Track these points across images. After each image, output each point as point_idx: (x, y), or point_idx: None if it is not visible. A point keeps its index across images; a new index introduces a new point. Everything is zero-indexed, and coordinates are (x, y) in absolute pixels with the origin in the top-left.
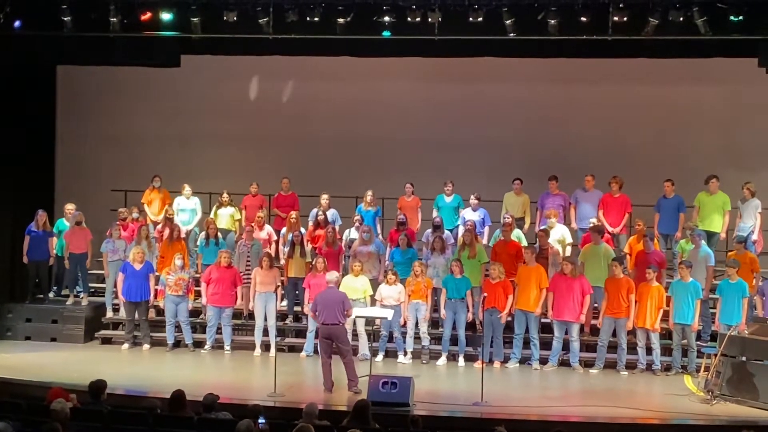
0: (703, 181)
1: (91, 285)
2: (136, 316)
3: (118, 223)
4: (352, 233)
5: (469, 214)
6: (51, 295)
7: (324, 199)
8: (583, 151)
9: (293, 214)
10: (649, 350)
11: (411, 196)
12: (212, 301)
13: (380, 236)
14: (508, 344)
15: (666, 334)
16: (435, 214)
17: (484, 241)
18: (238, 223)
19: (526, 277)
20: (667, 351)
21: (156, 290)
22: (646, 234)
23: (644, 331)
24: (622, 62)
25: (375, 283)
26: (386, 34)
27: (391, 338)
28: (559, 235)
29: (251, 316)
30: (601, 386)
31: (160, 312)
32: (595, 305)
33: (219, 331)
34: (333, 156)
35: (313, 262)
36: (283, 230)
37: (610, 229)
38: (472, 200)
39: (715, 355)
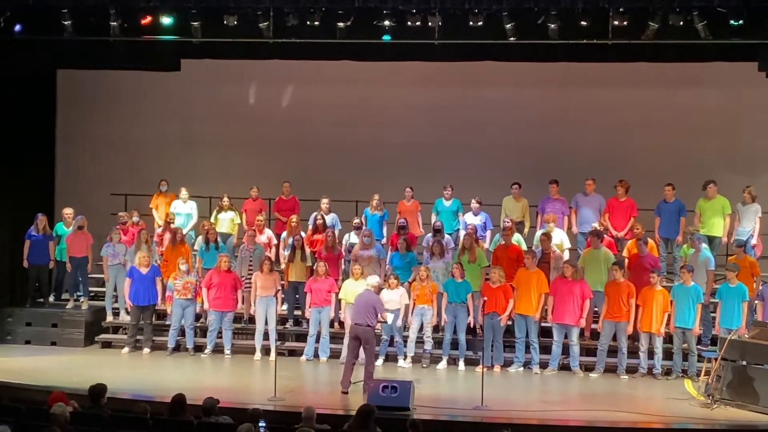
0: (701, 187)
1: (91, 289)
2: (141, 320)
3: (118, 227)
4: (352, 237)
5: (471, 219)
6: (51, 299)
7: (324, 203)
8: (583, 155)
9: (293, 218)
10: (651, 354)
11: (411, 200)
12: (214, 306)
13: (384, 239)
14: (509, 348)
15: (667, 338)
16: (434, 218)
17: (486, 245)
18: (238, 227)
19: (526, 282)
20: (667, 355)
21: (165, 296)
22: (641, 238)
23: (648, 335)
24: (622, 66)
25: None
26: (386, 38)
27: (391, 342)
28: (558, 240)
29: (251, 320)
30: (601, 390)
31: (159, 316)
32: (596, 309)
33: (219, 335)
34: (333, 160)
35: (314, 267)
36: (284, 234)
37: (614, 233)
38: (474, 204)
39: (716, 359)
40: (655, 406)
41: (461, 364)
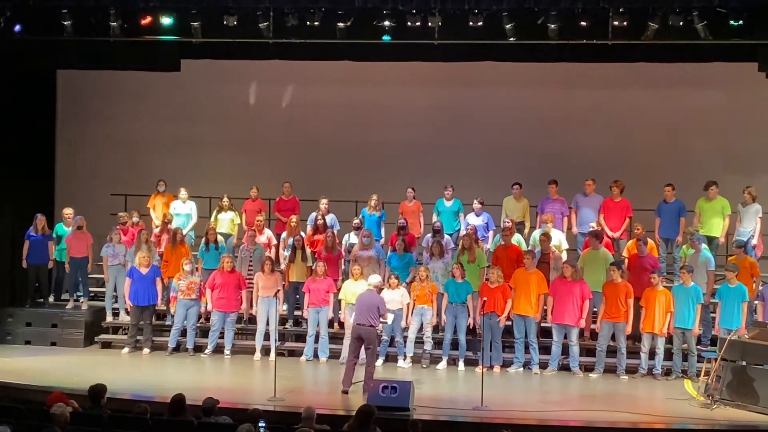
0: (703, 187)
1: (90, 289)
2: (141, 320)
3: (118, 227)
4: (352, 237)
5: (473, 219)
6: (51, 299)
7: (323, 203)
8: (583, 156)
9: (293, 218)
10: (652, 354)
11: (412, 200)
12: (218, 306)
13: (383, 240)
14: (509, 348)
15: (666, 338)
16: (435, 218)
17: (488, 246)
18: (238, 228)
19: (524, 282)
20: (667, 355)
21: (169, 297)
22: (641, 238)
23: (650, 336)
24: (622, 67)
25: None
26: (386, 38)
27: (392, 342)
28: (556, 240)
29: (251, 320)
30: (601, 390)
31: (159, 316)
32: (595, 310)
33: (220, 335)
34: (333, 160)
35: (314, 267)
36: (284, 234)
37: (610, 233)
38: (476, 205)
39: (716, 359)
40: (655, 406)
41: (461, 365)
